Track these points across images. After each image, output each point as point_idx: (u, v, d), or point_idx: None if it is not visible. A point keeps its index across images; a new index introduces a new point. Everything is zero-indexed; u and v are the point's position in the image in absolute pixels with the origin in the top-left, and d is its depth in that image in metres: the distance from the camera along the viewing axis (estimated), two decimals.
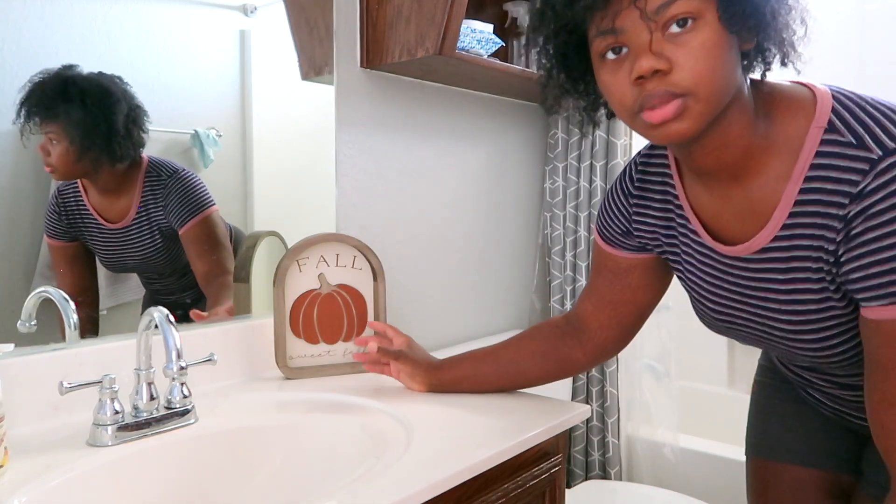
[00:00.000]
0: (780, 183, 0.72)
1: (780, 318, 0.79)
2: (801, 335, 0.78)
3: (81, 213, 1.06)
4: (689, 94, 0.66)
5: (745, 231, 0.78)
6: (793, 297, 0.76)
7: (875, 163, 0.65)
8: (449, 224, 1.70)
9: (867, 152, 0.66)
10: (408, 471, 0.78)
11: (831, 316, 0.75)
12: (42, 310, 0.99)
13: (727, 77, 0.67)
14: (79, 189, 1.05)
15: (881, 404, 0.70)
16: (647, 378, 1.88)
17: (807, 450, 1.00)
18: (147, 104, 1.08)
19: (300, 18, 1.31)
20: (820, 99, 0.71)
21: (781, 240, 0.74)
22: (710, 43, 0.65)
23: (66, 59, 0.99)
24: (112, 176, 1.09)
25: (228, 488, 0.93)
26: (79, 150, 1.03)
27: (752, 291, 0.80)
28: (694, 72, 0.65)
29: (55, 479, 0.78)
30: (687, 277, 0.90)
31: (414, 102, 1.57)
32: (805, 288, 0.75)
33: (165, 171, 1.14)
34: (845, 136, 0.68)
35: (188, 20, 1.14)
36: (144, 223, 1.12)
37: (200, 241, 1.18)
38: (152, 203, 1.12)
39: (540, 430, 0.92)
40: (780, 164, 0.72)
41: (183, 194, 1.15)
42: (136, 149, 1.09)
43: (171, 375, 0.86)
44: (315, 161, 1.38)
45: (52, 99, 0.99)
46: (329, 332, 1.22)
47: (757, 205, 0.75)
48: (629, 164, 0.94)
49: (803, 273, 0.74)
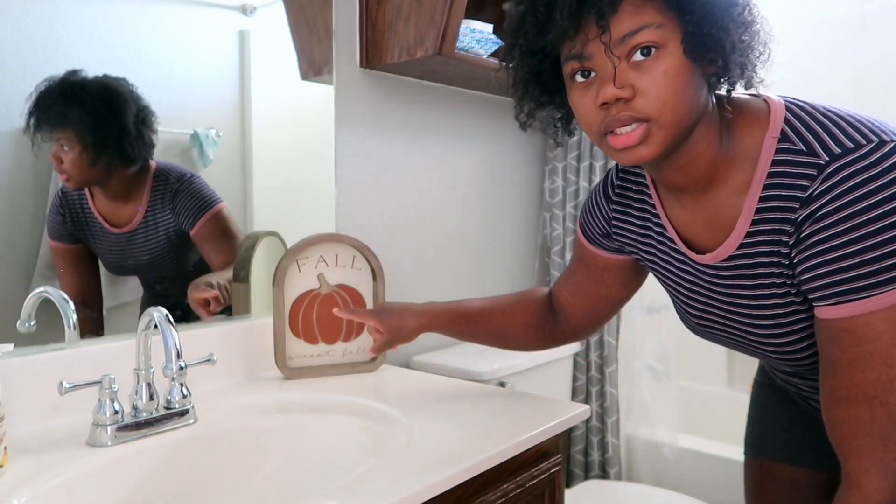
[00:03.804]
0: (741, 193, 0.75)
1: (752, 324, 0.81)
2: (771, 339, 0.81)
3: (87, 217, 1.06)
4: (652, 121, 0.69)
5: (713, 240, 0.80)
6: (760, 302, 0.79)
7: (822, 168, 0.68)
8: (448, 224, 1.70)
9: (815, 158, 0.68)
10: (407, 471, 0.78)
11: (797, 320, 0.77)
12: (41, 310, 0.99)
13: (690, 102, 0.69)
14: (84, 193, 1.05)
15: (830, 399, 0.73)
16: (647, 378, 1.88)
17: (802, 449, 1.00)
18: None
19: (299, 18, 1.31)
20: (774, 110, 0.73)
21: (746, 247, 0.77)
22: (672, 71, 0.67)
23: (66, 58, 0.99)
24: (122, 181, 1.09)
25: (228, 488, 0.93)
26: (92, 154, 1.04)
27: (724, 297, 0.83)
28: (656, 99, 0.68)
29: (55, 479, 0.78)
30: (667, 283, 0.92)
31: (413, 102, 1.57)
32: (771, 293, 0.77)
33: (173, 176, 1.14)
34: (797, 144, 0.70)
35: (188, 20, 1.14)
36: (151, 227, 1.12)
37: (214, 237, 1.19)
38: (160, 208, 1.13)
39: (539, 430, 0.92)
40: (742, 174, 0.75)
41: (190, 195, 1.16)
42: (147, 149, 1.09)
43: (171, 375, 0.86)
44: (314, 161, 1.38)
45: (60, 106, 0.99)
46: (328, 333, 1.22)
47: (723, 215, 0.78)
48: (611, 170, 0.97)
49: (768, 279, 0.77)
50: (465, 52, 1.42)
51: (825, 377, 0.73)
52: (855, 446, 0.70)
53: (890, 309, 0.66)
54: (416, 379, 1.20)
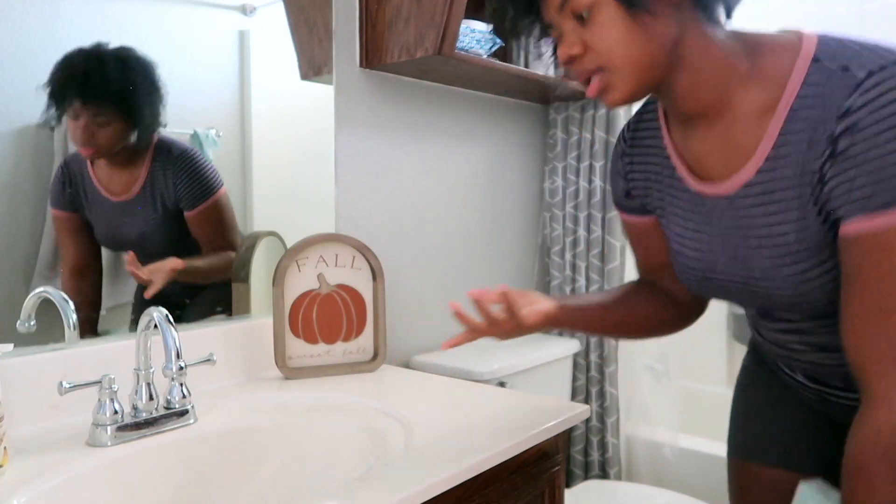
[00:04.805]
0: (763, 115, 0.75)
1: (761, 254, 0.80)
2: (780, 269, 0.79)
3: (86, 184, 1.04)
4: (605, 70, 0.75)
5: (729, 168, 0.80)
6: (773, 228, 0.78)
7: (860, 82, 0.68)
8: (448, 224, 1.70)
9: (852, 75, 0.69)
10: (407, 471, 0.78)
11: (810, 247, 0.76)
12: (41, 310, 0.99)
13: (642, 43, 0.73)
14: (85, 161, 1.04)
15: (856, 320, 0.71)
16: (647, 378, 1.88)
17: (786, 451, 0.99)
18: None
19: (299, 18, 1.31)
20: (807, 38, 0.75)
21: (764, 173, 0.76)
22: (610, 22, 0.73)
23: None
24: (125, 150, 1.08)
25: (227, 488, 0.93)
26: (130, 127, 1.03)
27: (733, 231, 0.82)
28: (601, 50, 0.74)
29: (54, 480, 0.78)
30: (672, 228, 0.91)
31: (413, 102, 1.57)
32: (785, 218, 0.77)
33: (176, 148, 1.13)
34: (832, 64, 0.71)
35: (188, 20, 1.14)
36: (148, 198, 1.11)
37: (211, 223, 1.18)
38: (161, 179, 1.12)
39: (539, 430, 0.92)
40: (765, 96, 0.75)
41: (193, 175, 1.15)
42: (161, 118, 1.09)
43: (171, 375, 0.86)
44: (314, 161, 1.38)
45: (100, 77, 0.97)
46: (328, 333, 1.22)
47: (741, 139, 0.78)
48: (624, 126, 0.97)
49: (785, 203, 0.76)
50: (465, 52, 1.42)
51: (849, 299, 0.72)
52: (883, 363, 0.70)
53: None
54: (416, 379, 1.20)
